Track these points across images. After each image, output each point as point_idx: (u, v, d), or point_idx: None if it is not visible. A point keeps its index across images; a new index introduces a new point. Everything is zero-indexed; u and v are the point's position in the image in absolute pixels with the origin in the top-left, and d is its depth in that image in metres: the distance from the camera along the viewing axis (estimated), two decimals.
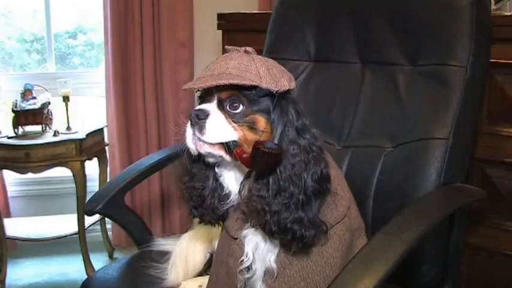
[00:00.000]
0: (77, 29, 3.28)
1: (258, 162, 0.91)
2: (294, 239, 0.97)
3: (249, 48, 1.02)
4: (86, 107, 3.39)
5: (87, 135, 2.67)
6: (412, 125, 1.38)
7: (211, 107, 1.00)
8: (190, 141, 1.01)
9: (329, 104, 1.58)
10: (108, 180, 2.91)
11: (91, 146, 2.74)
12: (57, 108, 2.88)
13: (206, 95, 1.03)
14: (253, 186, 0.99)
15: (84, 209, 2.22)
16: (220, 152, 1.00)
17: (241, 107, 0.99)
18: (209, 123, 0.98)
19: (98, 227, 3.04)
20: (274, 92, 0.98)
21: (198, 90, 1.04)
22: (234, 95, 0.99)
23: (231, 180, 1.08)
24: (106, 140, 2.93)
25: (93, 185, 2.97)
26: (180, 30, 2.95)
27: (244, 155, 0.94)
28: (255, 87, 0.97)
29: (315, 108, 1.57)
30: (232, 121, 0.98)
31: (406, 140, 1.36)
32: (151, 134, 2.99)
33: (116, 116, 2.92)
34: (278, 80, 0.99)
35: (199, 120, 0.98)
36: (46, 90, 2.77)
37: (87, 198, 2.63)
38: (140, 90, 2.95)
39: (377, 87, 1.47)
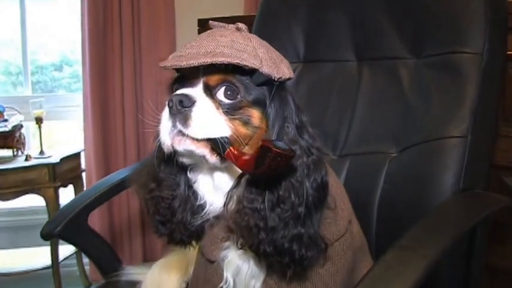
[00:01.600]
0: (63, 61, 3.15)
1: (268, 166, 0.70)
2: (292, 262, 0.80)
3: (241, 25, 0.84)
4: (64, 131, 3.21)
5: (61, 159, 2.47)
6: (420, 125, 1.18)
7: (197, 92, 0.80)
8: (167, 134, 0.80)
9: (322, 108, 1.38)
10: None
11: (66, 171, 2.54)
12: (32, 133, 2.70)
13: (187, 78, 0.83)
14: (244, 196, 0.81)
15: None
16: (204, 151, 0.80)
17: (235, 96, 0.80)
18: (196, 112, 0.78)
19: (74, 260, 2.75)
20: (275, 79, 0.80)
21: (178, 72, 0.85)
22: (227, 81, 0.80)
23: (207, 187, 0.89)
24: (83, 165, 2.73)
25: None
26: (162, 48, 2.74)
27: (244, 157, 0.75)
28: (252, 72, 0.79)
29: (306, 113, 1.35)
30: (223, 113, 0.80)
31: (414, 142, 1.18)
32: (131, 160, 2.75)
33: (94, 140, 2.71)
34: (278, 66, 0.82)
35: (183, 108, 0.78)
36: (19, 113, 2.58)
37: None
38: (119, 113, 2.73)
39: (377, 85, 1.30)
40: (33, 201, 2.63)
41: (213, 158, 0.80)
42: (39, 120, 2.50)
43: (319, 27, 1.40)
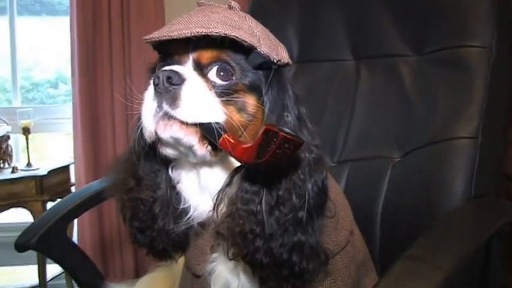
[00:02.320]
0: (58, 78, 3.06)
1: (273, 153, 0.60)
2: (291, 275, 0.70)
3: (233, 3, 0.74)
4: (56, 144, 3.10)
5: (49, 172, 2.33)
6: (424, 126, 1.07)
7: (187, 70, 0.69)
8: (151, 117, 0.68)
9: (318, 112, 1.26)
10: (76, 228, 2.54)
11: (54, 184, 2.38)
12: (22, 146, 2.59)
13: (173, 54, 0.72)
14: (238, 197, 0.70)
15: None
16: (193, 140, 0.68)
17: (230, 78, 0.70)
18: (186, 91, 0.67)
19: (63, 280, 2.59)
20: (274, 61, 0.71)
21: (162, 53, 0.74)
22: (221, 59, 0.70)
23: (192, 188, 0.77)
24: (72, 179, 2.58)
25: None
26: (152, 58, 2.63)
27: (244, 145, 0.64)
28: (247, 53, 0.70)
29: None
30: (216, 95, 0.69)
31: (418, 144, 1.07)
32: None
33: (84, 152, 2.58)
34: (277, 48, 0.72)
35: (171, 86, 0.66)
36: (6, 124, 2.44)
37: None
38: (110, 126, 2.61)
39: (376, 85, 1.20)
40: (20, 216, 2.51)
41: (202, 149, 0.69)
42: (26, 131, 2.37)
43: (313, 26, 1.30)
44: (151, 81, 0.68)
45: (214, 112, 0.68)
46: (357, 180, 1.16)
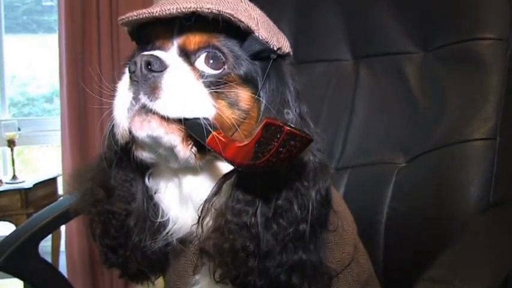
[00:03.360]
0: (53, 93, 3.01)
1: (275, 152, 0.48)
2: None
3: None
4: (46, 156, 3.04)
5: (35, 185, 2.26)
6: (433, 127, 0.95)
7: (169, 56, 0.57)
8: (125, 112, 0.56)
9: (314, 115, 1.09)
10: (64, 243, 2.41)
11: (40, 197, 2.31)
12: (10, 159, 2.42)
13: (154, 41, 0.61)
14: (228, 207, 0.58)
15: None
16: (175, 139, 0.56)
17: (220, 66, 0.58)
18: (168, 79, 0.55)
19: None
20: (274, 49, 0.60)
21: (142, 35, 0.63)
22: (211, 45, 0.59)
23: (173, 199, 0.65)
24: (60, 191, 2.47)
25: (45, 245, 2.39)
26: None
27: (237, 144, 0.52)
28: (243, 37, 0.58)
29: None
30: (204, 85, 0.58)
31: (426, 148, 0.95)
32: None
33: (72, 165, 2.46)
34: (277, 34, 0.61)
35: (150, 73, 0.55)
36: None
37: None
38: (98, 137, 2.46)
39: (377, 86, 1.07)
40: (5, 230, 2.32)
41: (186, 151, 0.57)
42: (11, 143, 2.27)
43: (308, 23, 1.18)
44: (127, 69, 0.55)
45: (202, 106, 0.56)
46: (357, 188, 1.03)
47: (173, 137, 0.55)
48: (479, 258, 0.64)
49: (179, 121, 0.54)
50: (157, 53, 0.56)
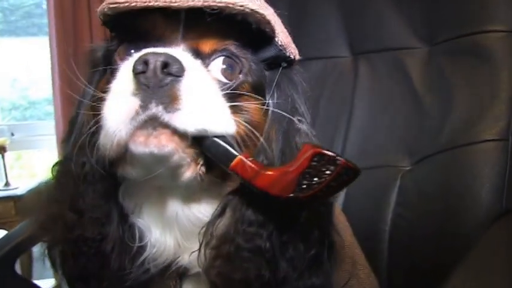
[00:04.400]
0: None
1: (325, 186, 0.44)
2: None
3: None
4: (42, 161, 2.88)
5: (28, 191, 2.06)
6: (440, 128, 0.88)
7: (185, 57, 0.47)
8: (126, 123, 0.45)
9: (310, 116, 1.02)
10: None
11: (33, 202, 2.14)
12: (10, 165, 2.35)
13: (150, 31, 0.50)
14: (237, 231, 0.50)
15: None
16: (184, 158, 0.47)
17: (236, 76, 0.50)
18: (189, 87, 0.45)
19: None
20: (289, 57, 0.54)
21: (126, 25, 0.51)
22: (227, 50, 0.50)
23: (152, 220, 0.54)
24: None
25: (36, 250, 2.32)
26: None
27: (273, 172, 0.46)
28: (250, 42, 0.51)
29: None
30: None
31: (433, 150, 0.88)
32: None
33: None
34: (290, 40, 0.55)
35: (167, 77, 0.44)
36: None
37: (33, 266, 2.09)
38: None
39: (378, 84, 1.00)
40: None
41: (193, 172, 0.48)
42: (1, 149, 2.16)
43: (304, 18, 1.09)
44: (130, 67, 0.44)
45: (223, 121, 0.47)
46: (358, 194, 0.95)
47: (183, 156, 0.46)
48: (499, 274, 0.56)
49: (191, 138, 0.45)
50: (172, 51, 0.46)
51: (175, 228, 0.53)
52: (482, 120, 0.81)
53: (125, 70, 0.46)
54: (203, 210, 0.52)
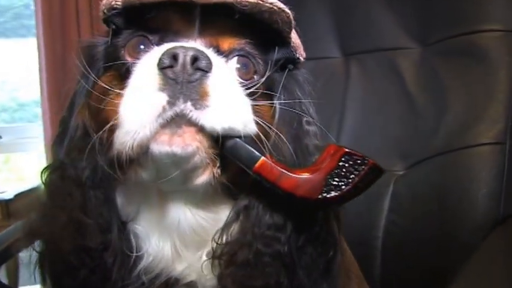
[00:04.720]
0: None
1: (354, 187, 0.44)
2: None
3: None
4: (31, 164, 2.87)
5: (16, 195, 2.13)
6: (434, 131, 0.86)
7: (210, 53, 0.46)
8: (152, 120, 0.42)
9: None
10: None
11: (23, 209, 2.13)
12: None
13: (164, 26, 0.49)
14: (255, 235, 0.48)
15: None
16: (205, 159, 0.45)
17: (251, 76, 0.49)
18: (217, 83, 0.44)
19: None
20: (300, 59, 0.54)
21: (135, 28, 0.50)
22: (243, 50, 0.49)
23: (150, 227, 0.51)
24: None
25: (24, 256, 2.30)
26: None
27: (299, 174, 0.45)
28: (270, 42, 0.50)
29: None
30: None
31: (428, 154, 0.86)
32: None
33: None
34: (300, 42, 0.55)
35: (197, 72, 0.43)
36: None
37: (20, 273, 2.04)
38: None
39: (370, 85, 0.98)
40: None
41: (209, 174, 0.46)
42: None
43: (294, 19, 1.05)
44: (154, 62, 0.43)
45: (247, 120, 0.46)
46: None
47: (203, 157, 0.44)
48: (498, 277, 0.53)
49: (212, 137, 0.44)
50: (198, 46, 0.45)
51: (174, 236, 0.50)
52: (479, 122, 0.79)
53: (147, 65, 0.44)
54: (208, 217, 0.50)
